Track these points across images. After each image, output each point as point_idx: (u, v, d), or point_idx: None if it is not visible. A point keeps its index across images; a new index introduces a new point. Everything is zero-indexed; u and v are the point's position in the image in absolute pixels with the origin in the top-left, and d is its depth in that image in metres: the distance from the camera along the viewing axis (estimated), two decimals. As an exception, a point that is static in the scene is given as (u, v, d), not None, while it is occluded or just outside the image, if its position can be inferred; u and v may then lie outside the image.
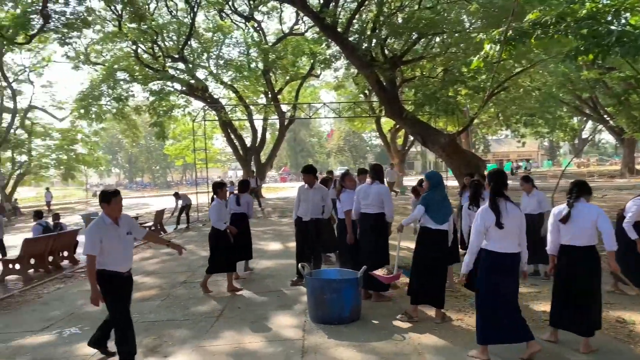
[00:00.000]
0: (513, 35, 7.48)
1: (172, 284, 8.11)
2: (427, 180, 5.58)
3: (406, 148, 30.07)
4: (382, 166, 6.72)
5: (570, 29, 6.84)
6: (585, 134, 54.53)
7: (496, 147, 64.72)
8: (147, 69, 22.63)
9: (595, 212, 4.37)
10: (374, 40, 15.40)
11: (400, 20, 15.92)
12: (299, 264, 6.26)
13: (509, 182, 4.71)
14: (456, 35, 15.00)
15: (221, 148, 49.42)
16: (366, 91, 25.86)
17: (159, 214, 16.02)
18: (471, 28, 15.75)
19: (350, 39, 15.16)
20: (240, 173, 41.95)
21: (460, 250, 7.10)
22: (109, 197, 4.44)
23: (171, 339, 5.30)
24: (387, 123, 29.51)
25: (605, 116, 29.35)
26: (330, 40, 17.02)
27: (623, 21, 7.34)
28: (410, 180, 37.76)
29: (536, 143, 60.43)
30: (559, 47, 10.22)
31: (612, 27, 6.72)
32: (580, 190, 4.51)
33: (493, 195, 4.28)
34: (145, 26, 20.51)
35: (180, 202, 16.90)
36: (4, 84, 29.04)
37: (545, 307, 5.69)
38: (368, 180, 6.24)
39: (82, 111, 24.27)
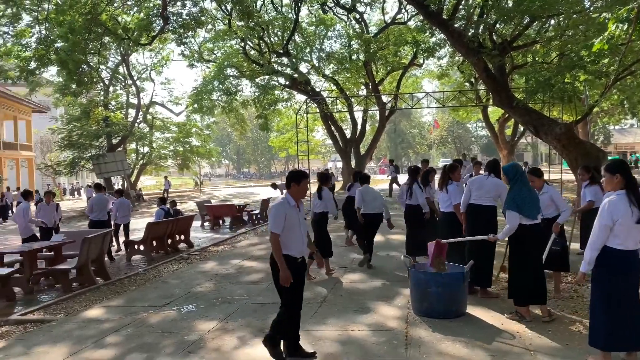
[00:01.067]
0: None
1: (277, 269, 8.45)
2: (505, 176, 5.23)
3: (515, 139, 28.35)
4: (498, 161, 6.44)
5: None
6: None
7: (619, 137, 58.61)
8: (254, 65, 23.70)
9: None
10: (482, 26, 14.67)
11: (510, 4, 15.00)
12: (403, 256, 6.19)
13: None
14: (574, 16, 13.78)
15: (322, 140, 50.34)
16: (472, 79, 24.78)
17: (265, 202, 16.77)
18: (592, 8, 14.40)
19: (456, 25, 14.59)
20: (339, 165, 42.46)
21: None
22: (300, 178, 4.31)
23: (278, 322, 5.54)
24: (494, 112, 28.06)
25: None
26: (434, 27, 16.51)
27: None
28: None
29: (669, 133, 53.89)
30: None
31: None
32: None
33: (629, 187, 3.86)
34: (253, 23, 21.43)
35: (278, 191, 17.57)
36: (130, 82, 32.01)
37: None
38: (483, 172, 6.04)
39: (195, 106, 26.12)
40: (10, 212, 25.61)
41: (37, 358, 4.85)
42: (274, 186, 18.10)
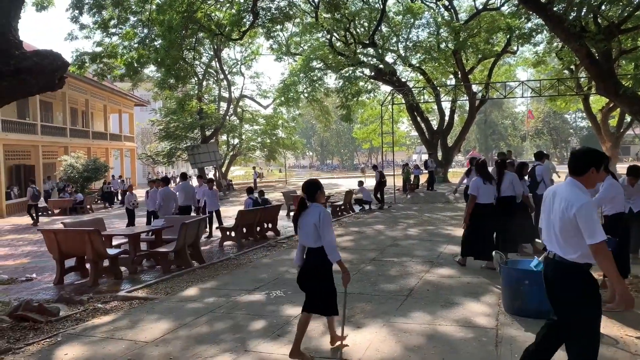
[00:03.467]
0: None
1: (362, 259, 8.50)
2: None
3: (621, 130, 26.03)
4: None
5: None
6: None
7: None
8: (339, 56, 23.80)
9: None
10: (585, 8, 13.60)
11: (619, -18, 13.75)
12: (494, 252, 5.96)
13: None
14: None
15: (406, 131, 49.54)
16: (572, 66, 23.10)
17: (348, 194, 16.86)
18: None
19: (555, 9, 13.64)
20: (424, 157, 41.57)
21: None
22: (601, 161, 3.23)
23: (363, 312, 5.58)
24: (597, 102, 25.98)
25: None
26: (531, 12, 15.57)
27: None
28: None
29: None
30: None
31: None
32: None
33: None
34: (339, 15, 21.50)
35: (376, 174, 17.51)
36: (221, 76, 33.52)
37: None
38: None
39: (282, 99, 26.82)
40: (116, 198, 27.95)
41: (142, 331, 5.28)
42: (375, 167, 18.33)
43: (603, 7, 14.70)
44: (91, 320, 5.79)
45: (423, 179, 25.04)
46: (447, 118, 27.48)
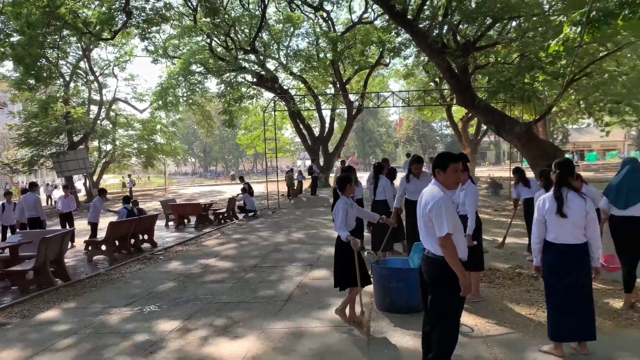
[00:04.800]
0: (597, 16, 6.99)
1: (243, 267, 8.42)
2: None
3: (478, 137, 29.04)
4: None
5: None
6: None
7: (577, 136, 60.73)
8: (220, 61, 23.43)
9: None
10: (446, 27, 14.95)
11: (473, 5, 15.33)
12: (366, 253, 6.26)
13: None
14: (534, 18, 14.20)
15: (290, 138, 50.27)
16: (437, 79, 25.23)
17: (231, 201, 16.63)
18: (550, 10, 14.86)
19: (421, 25, 14.81)
20: (308, 162, 42.53)
21: None
22: (448, 163, 3.50)
23: (241, 320, 5.53)
24: (458, 112, 28.64)
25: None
26: (400, 27, 16.74)
27: None
28: (482, 172, 36.47)
29: (622, 132, 56.01)
30: (650, 27, 9.41)
31: None
32: None
33: (558, 184, 4.07)
34: (219, 20, 21.19)
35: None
36: (92, 77, 31.14)
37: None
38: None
39: (160, 102, 25.65)
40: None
41: (-10, 362, 4.69)
42: (242, 179, 18.28)
43: (461, 26, 16.28)
44: None
45: (307, 184, 25.57)
46: (327, 125, 28.39)
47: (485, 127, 26.64)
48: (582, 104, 22.01)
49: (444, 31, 14.97)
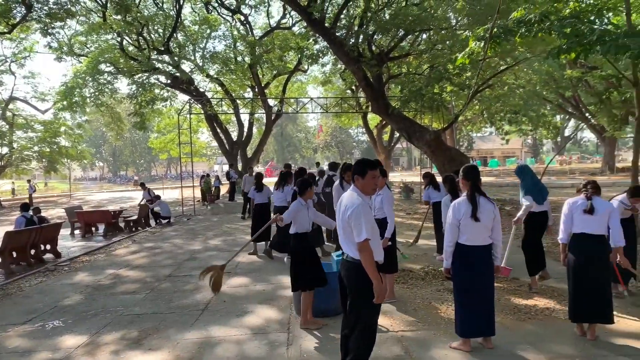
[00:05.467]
0: (498, 32, 7.58)
1: (157, 277, 8.08)
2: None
3: (392, 144, 30.24)
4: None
5: (554, 28, 6.96)
6: (567, 132, 55.36)
7: (480, 144, 65.34)
8: (132, 61, 22.39)
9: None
10: (361, 36, 15.44)
11: (387, 17, 15.97)
12: (286, 258, 6.29)
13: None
14: (442, 32, 15.10)
15: (207, 142, 49.12)
16: (353, 87, 25.91)
17: (144, 207, 15.91)
18: (457, 25, 15.86)
19: (338, 34, 15.17)
20: (225, 167, 41.80)
21: None
22: (365, 169, 3.59)
23: (155, 332, 5.30)
24: (373, 119, 29.60)
25: (587, 114, 29.80)
26: (317, 35, 17.01)
27: (605, 20, 7.47)
28: (395, 177, 37.97)
29: (520, 140, 61.12)
30: (542, 45, 10.37)
31: (595, 26, 6.84)
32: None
33: (472, 189, 4.35)
34: (131, 18, 20.26)
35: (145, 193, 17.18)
36: (-15, 74, 28.52)
37: (524, 301, 5.82)
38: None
39: (65, 103, 23.94)
40: None
41: None
42: (143, 186, 17.73)
43: (376, 36, 16.89)
44: None
45: (224, 189, 25.09)
46: (246, 130, 28.10)
47: (398, 134, 27.84)
48: (485, 114, 23.69)
49: (360, 40, 15.45)
